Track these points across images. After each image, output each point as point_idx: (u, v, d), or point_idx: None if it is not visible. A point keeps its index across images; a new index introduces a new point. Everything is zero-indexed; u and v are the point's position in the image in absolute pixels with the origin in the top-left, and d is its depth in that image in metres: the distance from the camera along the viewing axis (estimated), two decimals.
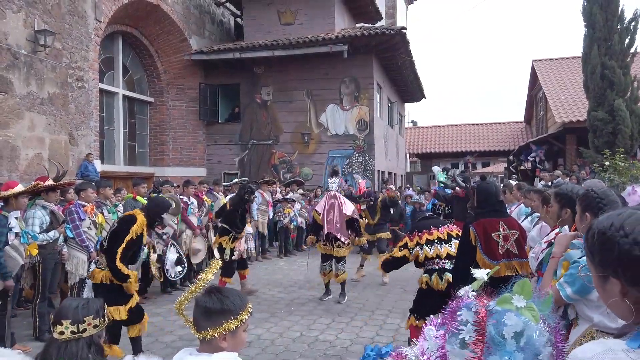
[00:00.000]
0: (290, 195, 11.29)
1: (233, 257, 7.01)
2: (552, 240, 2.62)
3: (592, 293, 2.01)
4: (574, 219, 2.45)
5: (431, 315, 1.54)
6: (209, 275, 1.73)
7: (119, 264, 4.11)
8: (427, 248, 4.16)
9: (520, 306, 1.42)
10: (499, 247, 3.66)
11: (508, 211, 4.84)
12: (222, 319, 1.66)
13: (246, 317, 1.71)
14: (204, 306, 1.67)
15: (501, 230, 3.73)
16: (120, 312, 4.17)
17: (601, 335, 1.95)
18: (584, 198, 2.31)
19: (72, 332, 1.73)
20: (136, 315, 4.34)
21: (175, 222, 7.48)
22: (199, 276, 1.78)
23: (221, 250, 6.99)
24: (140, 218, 4.32)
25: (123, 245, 4.13)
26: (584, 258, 2.05)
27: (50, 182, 5.48)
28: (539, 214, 4.32)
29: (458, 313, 1.33)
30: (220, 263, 1.83)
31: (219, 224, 7.36)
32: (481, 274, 1.52)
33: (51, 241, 5.39)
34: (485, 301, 1.34)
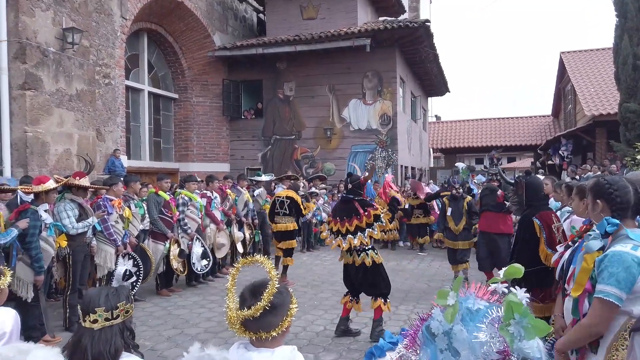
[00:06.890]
0: (313, 189, 11.29)
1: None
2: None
3: (636, 283, 1.93)
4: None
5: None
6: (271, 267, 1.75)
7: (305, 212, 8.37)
8: None
9: (449, 303, 1.36)
10: (557, 238, 3.74)
11: None
12: (285, 311, 1.70)
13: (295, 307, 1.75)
14: (271, 303, 1.66)
15: (555, 221, 3.84)
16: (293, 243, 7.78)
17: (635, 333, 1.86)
18: (594, 186, 2.31)
19: (106, 319, 1.73)
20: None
21: (200, 216, 7.56)
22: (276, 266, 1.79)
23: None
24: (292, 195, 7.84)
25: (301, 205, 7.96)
26: (609, 250, 2.03)
27: (86, 182, 5.56)
28: (569, 209, 4.25)
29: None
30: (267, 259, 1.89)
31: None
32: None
33: (90, 227, 5.53)
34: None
